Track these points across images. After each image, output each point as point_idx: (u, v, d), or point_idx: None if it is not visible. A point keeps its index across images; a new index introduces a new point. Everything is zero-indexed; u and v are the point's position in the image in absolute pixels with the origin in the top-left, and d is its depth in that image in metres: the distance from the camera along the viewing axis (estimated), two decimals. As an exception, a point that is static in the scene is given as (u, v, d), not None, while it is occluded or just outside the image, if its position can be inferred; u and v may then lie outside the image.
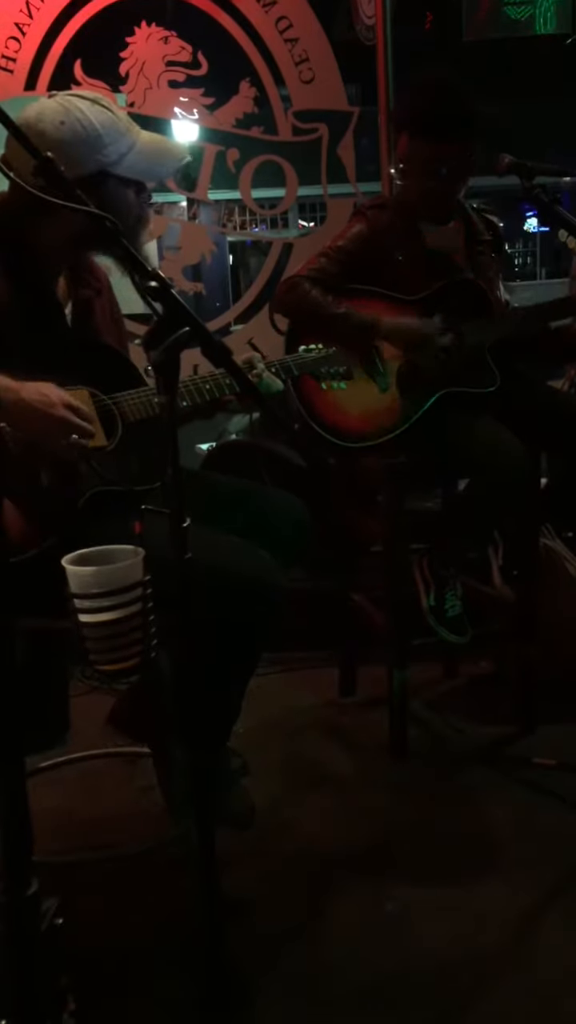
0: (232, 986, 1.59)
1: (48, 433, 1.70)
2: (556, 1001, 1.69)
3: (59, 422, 1.70)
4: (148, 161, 1.89)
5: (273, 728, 2.72)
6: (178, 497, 1.27)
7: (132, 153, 1.85)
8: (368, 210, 2.64)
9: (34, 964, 0.97)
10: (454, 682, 3.03)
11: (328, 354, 2.04)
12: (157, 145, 1.93)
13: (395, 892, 1.98)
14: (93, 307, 2.04)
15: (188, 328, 1.26)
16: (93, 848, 2.16)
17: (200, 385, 1.91)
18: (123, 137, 1.84)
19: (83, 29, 3.33)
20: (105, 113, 1.83)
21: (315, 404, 2.52)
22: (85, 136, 1.79)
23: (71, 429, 1.72)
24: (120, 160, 1.84)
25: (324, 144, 3.52)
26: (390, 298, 2.56)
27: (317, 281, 2.54)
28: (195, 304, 2.08)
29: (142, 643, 1.58)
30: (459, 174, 2.53)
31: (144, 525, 1.65)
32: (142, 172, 1.89)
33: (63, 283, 2.01)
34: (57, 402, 1.71)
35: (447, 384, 2.50)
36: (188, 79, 3.41)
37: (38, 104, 1.82)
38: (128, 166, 1.85)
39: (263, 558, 1.87)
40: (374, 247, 2.58)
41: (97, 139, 1.80)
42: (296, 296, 2.53)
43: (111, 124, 1.83)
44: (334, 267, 2.57)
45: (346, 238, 2.61)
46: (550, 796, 2.32)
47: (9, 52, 3.29)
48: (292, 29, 3.43)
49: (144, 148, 1.88)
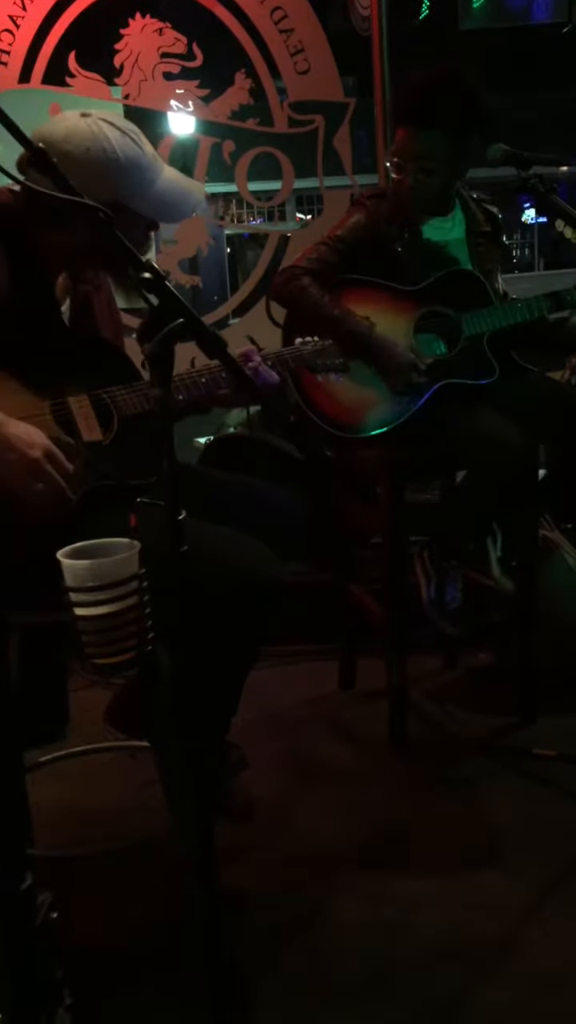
0: (230, 981, 1.59)
1: (17, 474, 1.65)
2: (557, 992, 1.69)
3: (31, 464, 1.65)
4: (164, 202, 1.87)
5: (273, 721, 2.72)
6: (173, 489, 1.26)
7: (151, 192, 1.83)
8: (367, 200, 2.63)
9: (29, 958, 0.97)
10: (454, 674, 3.03)
11: (324, 347, 2.03)
12: (176, 185, 1.90)
13: (395, 884, 1.99)
14: (92, 302, 2.04)
15: (182, 320, 1.25)
16: (92, 842, 2.16)
17: (196, 378, 1.91)
18: (144, 173, 1.81)
19: (77, 21, 3.33)
20: (133, 148, 1.80)
21: (314, 396, 2.52)
22: (106, 167, 1.77)
23: (41, 476, 1.66)
24: (137, 196, 1.82)
25: (320, 136, 3.51)
26: (389, 288, 2.55)
27: (316, 273, 2.53)
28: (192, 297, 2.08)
29: (138, 636, 1.58)
30: (450, 163, 2.51)
31: (140, 518, 1.65)
32: (156, 212, 1.88)
33: (62, 278, 2.00)
34: (38, 444, 1.67)
35: (445, 376, 2.50)
36: (183, 71, 3.40)
37: (70, 123, 1.79)
38: (145, 203, 1.83)
39: (261, 551, 1.87)
40: (373, 237, 2.57)
41: (119, 171, 1.78)
42: (294, 289, 2.52)
43: (136, 159, 1.80)
44: (333, 256, 2.56)
45: (345, 228, 2.60)
46: (550, 787, 2.33)
47: (3, 44, 3.28)
48: (287, 20, 3.42)
49: (163, 188, 1.86)
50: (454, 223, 2.66)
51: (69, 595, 1.55)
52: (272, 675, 2.96)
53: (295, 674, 3.04)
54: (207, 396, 1.97)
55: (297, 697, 2.90)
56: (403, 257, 2.57)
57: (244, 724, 2.12)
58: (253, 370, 1.97)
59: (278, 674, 3.00)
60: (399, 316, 2.54)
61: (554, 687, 2.69)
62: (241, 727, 2.12)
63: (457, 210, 2.67)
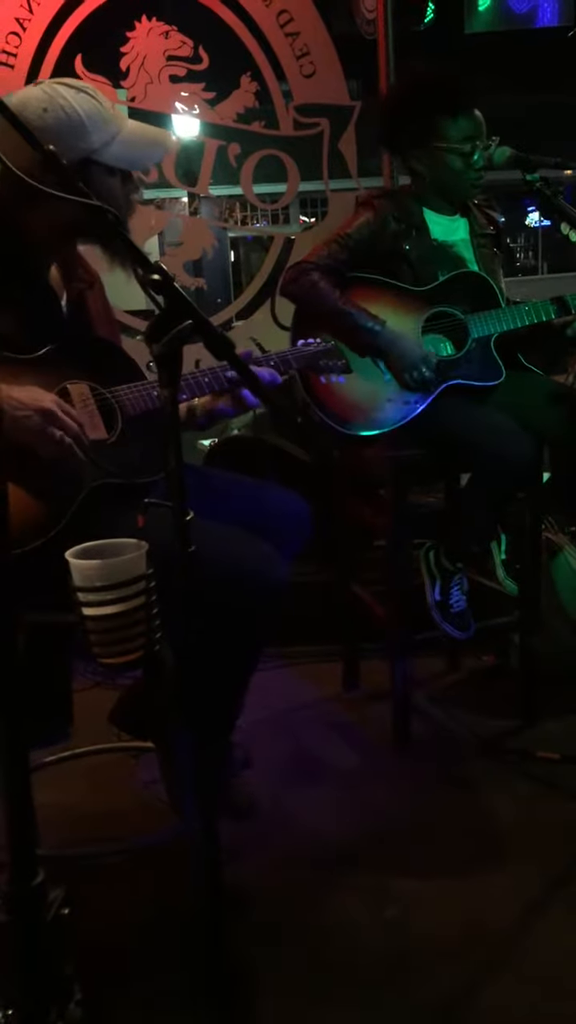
0: (233, 979, 1.60)
1: (34, 428, 1.70)
2: (559, 994, 1.69)
3: (45, 414, 1.70)
4: (133, 150, 1.88)
5: (276, 721, 2.73)
6: (180, 490, 1.27)
7: (117, 142, 1.84)
8: (375, 199, 2.64)
9: (40, 953, 0.98)
10: (457, 675, 3.03)
11: (327, 348, 2.04)
12: (143, 134, 1.92)
13: (397, 885, 1.99)
14: (86, 300, 2.04)
15: (190, 321, 1.26)
16: (96, 842, 2.16)
17: (199, 378, 1.92)
18: (107, 125, 1.83)
19: (84, 24, 3.33)
20: (90, 101, 1.82)
21: (322, 393, 2.53)
22: (68, 124, 1.78)
23: (57, 423, 1.72)
24: (104, 148, 1.82)
25: (325, 138, 3.52)
26: (397, 288, 2.56)
27: (326, 269, 2.54)
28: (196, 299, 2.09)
29: (146, 636, 1.58)
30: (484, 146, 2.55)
31: (147, 518, 1.65)
32: (127, 161, 1.88)
33: (56, 275, 2.00)
34: (45, 397, 1.72)
35: (452, 376, 2.51)
36: (189, 74, 3.40)
37: (22, 92, 1.81)
38: (113, 155, 1.84)
39: (266, 551, 1.88)
40: (382, 236, 2.58)
41: (80, 127, 1.79)
42: (304, 284, 2.54)
43: (95, 112, 1.82)
44: (343, 254, 2.57)
45: (354, 226, 2.61)
46: (553, 789, 2.33)
47: (9, 47, 3.29)
48: (293, 23, 3.42)
49: (129, 137, 1.86)
50: (459, 224, 2.68)
51: (77, 595, 1.56)
52: (275, 676, 2.96)
53: (298, 675, 3.04)
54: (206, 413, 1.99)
55: (300, 698, 2.90)
56: (411, 255, 2.58)
57: (247, 724, 2.13)
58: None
59: (281, 675, 3.01)
60: (407, 316, 2.55)
61: (557, 689, 2.70)
62: (244, 727, 2.12)
63: (460, 212, 2.68)
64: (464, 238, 2.67)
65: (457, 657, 3.05)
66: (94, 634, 1.57)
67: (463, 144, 2.53)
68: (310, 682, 3.00)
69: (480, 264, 2.64)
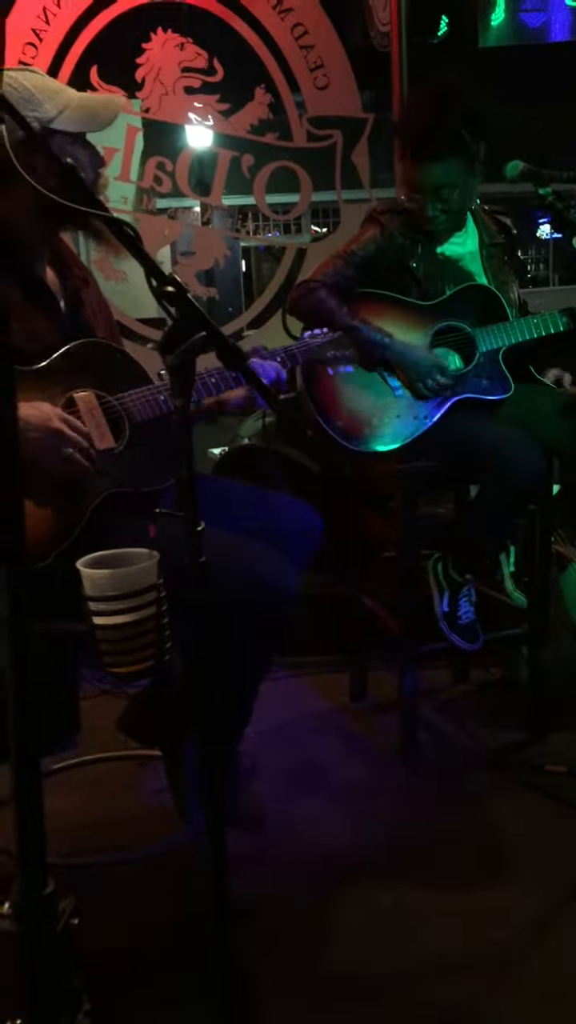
0: (237, 989, 1.60)
1: (43, 449, 1.72)
2: (560, 1006, 1.68)
3: (53, 433, 1.72)
4: (87, 112, 1.90)
5: (284, 731, 2.73)
6: (192, 500, 1.27)
7: (70, 108, 1.87)
8: (381, 215, 2.64)
9: (49, 963, 0.98)
10: (465, 687, 3.03)
11: (334, 337, 2.05)
12: (93, 97, 1.97)
13: (403, 896, 1.99)
14: (82, 299, 2.05)
15: (204, 333, 1.27)
16: (103, 850, 2.16)
17: (205, 379, 1.92)
18: (57, 95, 1.87)
19: (100, 35, 3.36)
20: (36, 76, 1.88)
21: (330, 410, 2.53)
22: (18, 96, 1.81)
23: (65, 442, 1.74)
24: (61, 116, 1.85)
25: (338, 150, 3.53)
26: (404, 303, 2.57)
27: (333, 286, 2.55)
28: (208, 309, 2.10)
29: (156, 645, 1.59)
30: (466, 185, 2.52)
31: (158, 528, 1.66)
32: (84, 122, 1.90)
33: (52, 277, 2.01)
34: (52, 416, 1.73)
35: (461, 391, 2.52)
36: (204, 85, 3.43)
37: None
38: (70, 120, 1.86)
39: (276, 562, 1.88)
40: (388, 252, 2.59)
41: (32, 97, 1.83)
42: (311, 302, 2.54)
43: (42, 84, 1.87)
44: (349, 270, 2.58)
45: (360, 242, 2.61)
46: (560, 802, 2.32)
47: (26, 58, 3.32)
48: (307, 36, 3.44)
49: (81, 102, 1.89)
50: (467, 236, 2.68)
51: (88, 604, 1.57)
52: (283, 686, 2.96)
53: (306, 685, 3.04)
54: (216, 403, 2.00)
55: (308, 708, 2.90)
56: (418, 272, 2.58)
57: (255, 734, 2.13)
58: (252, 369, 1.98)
59: (289, 685, 3.01)
60: (415, 331, 2.56)
61: (565, 703, 2.69)
62: (252, 737, 2.12)
63: (469, 223, 2.68)
64: (473, 250, 2.67)
65: (465, 669, 3.04)
66: (104, 643, 1.57)
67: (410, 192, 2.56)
68: (317, 692, 3.00)
69: (490, 275, 2.64)
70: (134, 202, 3.67)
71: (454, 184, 2.50)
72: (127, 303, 3.33)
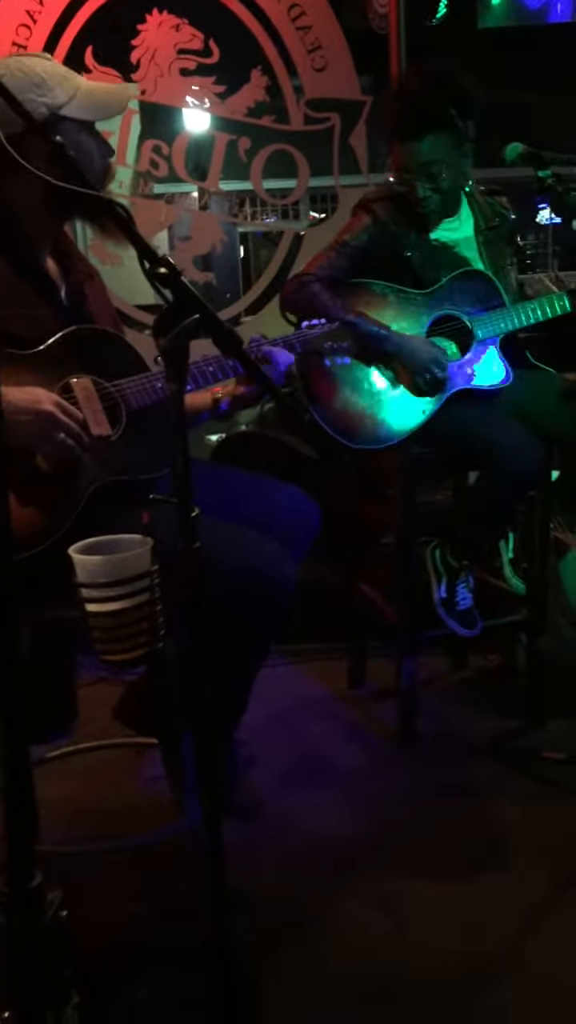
0: (234, 981, 1.58)
1: (35, 433, 1.70)
2: (559, 998, 1.68)
3: (46, 417, 1.70)
4: (97, 101, 1.88)
5: (281, 719, 2.72)
6: (186, 486, 1.25)
7: (80, 94, 1.85)
8: (373, 203, 2.60)
9: (38, 956, 0.97)
10: (463, 674, 3.02)
11: (332, 329, 2.04)
12: (104, 86, 1.95)
13: (400, 887, 1.98)
14: (85, 292, 2.03)
15: (197, 316, 1.24)
16: (98, 838, 2.16)
17: (203, 368, 1.91)
18: (67, 81, 1.85)
19: (94, 16, 3.32)
20: (46, 62, 1.87)
21: (327, 409, 2.51)
22: (29, 81, 1.80)
23: (58, 427, 1.71)
24: (71, 103, 1.83)
25: (336, 133, 3.49)
26: (400, 292, 2.54)
27: (327, 279, 2.52)
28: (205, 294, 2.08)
29: (150, 633, 1.57)
30: (455, 164, 2.49)
31: (152, 515, 1.64)
32: (93, 110, 1.89)
33: (53, 267, 1.99)
34: (44, 400, 1.71)
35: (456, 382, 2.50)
36: (200, 67, 3.38)
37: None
38: (79, 107, 1.85)
39: (273, 549, 1.86)
40: (382, 241, 2.56)
41: (42, 83, 1.81)
42: (305, 297, 2.51)
43: (53, 70, 1.85)
44: (343, 261, 2.55)
45: (352, 232, 2.58)
46: (558, 790, 2.32)
47: (20, 39, 3.28)
48: (305, 17, 3.40)
49: (91, 89, 1.88)
50: (461, 221, 2.64)
51: (81, 591, 1.55)
52: (281, 673, 2.96)
53: (304, 673, 3.04)
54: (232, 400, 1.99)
55: (306, 696, 2.89)
56: (413, 260, 2.55)
57: (252, 722, 2.12)
58: (268, 354, 1.97)
59: (287, 672, 3.00)
60: (411, 321, 2.53)
61: (564, 689, 2.68)
62: (249, 725, 2.11)
63: (464, 207, 2.64)
64: (468, 236, 2.63)
65: (463, 656, 3.04)
66: (97, 631, 1.56)
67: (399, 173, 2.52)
68: (316, 679, 2.99)
69: (486, 260, 2.61)
70: (130, 186, 3.63)
71: (442, 160, 2.46)
72: (123, 289, 3.30)
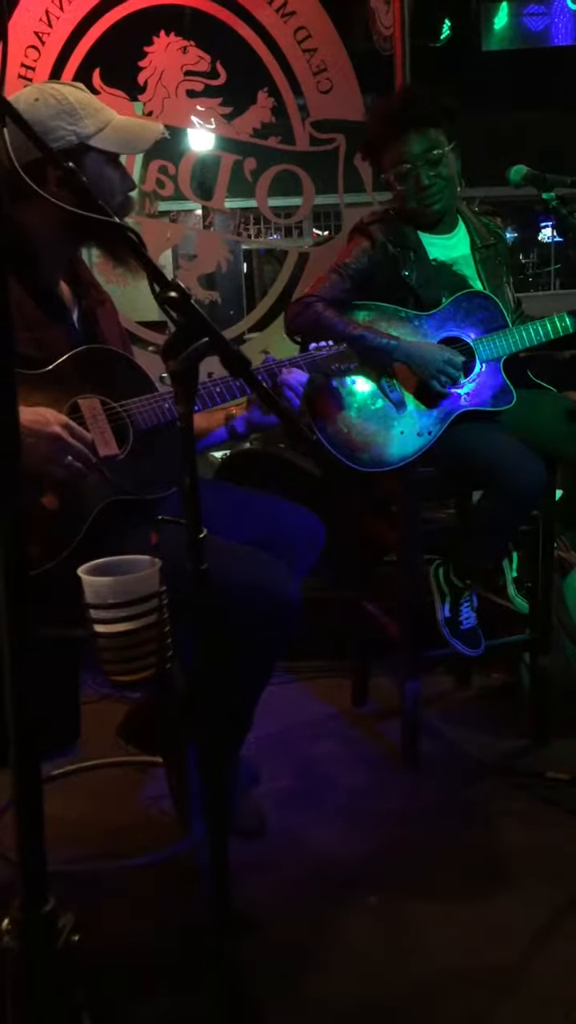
0: (237, 1001, 1.58)
1: (42, 455, 1.70)
2: (564, 1017, 1.67)
3: (53, 439, 1.70)
4: (127, 134, 1.91)
5: (285, 737, 2.72)
6: (195, 508, 1.26)
7: (110, 127, 1.88)
8: (369, 226, 2.63)
9: (51, 982, 0.97)
10: (467, 693, 3.02)
11: (339, 351, 2.06)
12: (134, 120, 1.97)
13: (404, 905, 1.98)
14: (97, 317, 2.05)
15: (207, 339, 1.26)
16: (103, 858, 2.15)
17: (210, 389, 1.92)
18: (99, 113, 1.88)
19: (102, 38, 3.34)
20: (81, 92, 1.89)
21: (331, 431, 2.52)
22: (60, 108, 1.83)
23: (66, 450, 1.72)
24: (99, 134, 1.86)
25: (341, 154, 3.52)
26: (402, 314, 2.55)
27: (330, 300, 2.54)
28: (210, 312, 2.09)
29: (157, 654, 1.58)
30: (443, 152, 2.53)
31: (160, 535, 1.65)
32: (122, 144, 1.91)
33: (66, 291, 2.00)
34: (52, 421, 1.71)
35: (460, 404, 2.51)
36: (206, 88, 3.41)
37: (15, 93, 1.87)
38: (108, 140, 1.87)
39: (278, 568, 1.87)
40: (382, 263, 2.58)
41: (73, 112, 1.84)
42: (310, 317, 2.52)
43: (87, 101, 1.88)
44: (344, 283, 2.58)
45: (352, 255, 2.61)
46: (562, 810, 2.31)
47: (28, 61, 3.31)
48: (310, 39, 3.43)
49: (122, 123, 1.91)
50: (457, 239, 2.66)
51: (89, 611, 1.56)
52: (285, 692, 2.96)
53: (307, 691, 3.03)
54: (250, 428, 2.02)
55: (309, 714, 2.89)
56: (412, 280, 2.57)
57: (256, 741, 2.12)
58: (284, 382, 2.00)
59: (291, 691, 3.00)
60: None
61: (568, 709, 2.68)
62: (253, 743, 2.11)
63: (460, 226, 2.67)
64: (465, 253, 2.65)
65: (467, 675, 3.04)
66: (105, 651, 1.56)
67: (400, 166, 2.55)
68: (319, 697, 2.99)
69: (483, 279, 2.63)
70: (136, 206, 3.66)
71: (442, 147, 2.53)
72: (126, 305, 3.32)
